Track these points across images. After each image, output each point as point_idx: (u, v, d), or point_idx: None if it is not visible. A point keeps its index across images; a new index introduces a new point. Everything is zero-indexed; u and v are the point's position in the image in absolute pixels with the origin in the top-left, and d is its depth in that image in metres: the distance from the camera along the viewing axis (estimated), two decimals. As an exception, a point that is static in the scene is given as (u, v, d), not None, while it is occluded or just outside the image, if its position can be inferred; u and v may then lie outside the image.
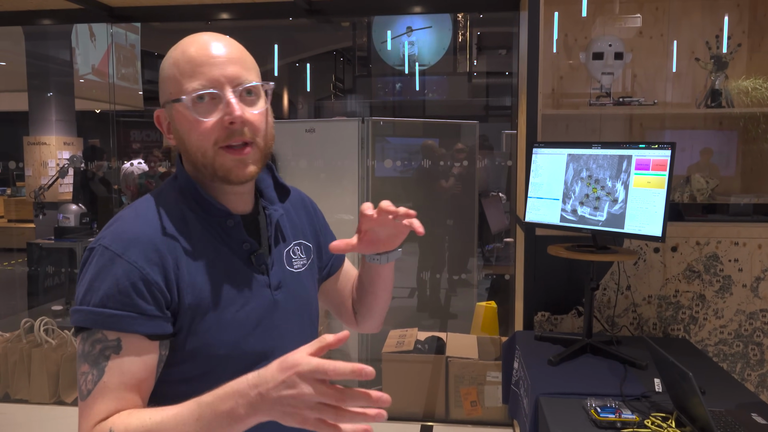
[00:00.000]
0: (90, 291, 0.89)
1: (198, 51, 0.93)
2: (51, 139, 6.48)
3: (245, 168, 0.95)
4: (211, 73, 0.92)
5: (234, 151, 0.93)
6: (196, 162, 0.95)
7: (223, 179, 0.95)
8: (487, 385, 3.21)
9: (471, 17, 6.98)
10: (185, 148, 0.96)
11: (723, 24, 2.58)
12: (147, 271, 0.89)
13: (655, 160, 1.84)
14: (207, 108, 0.93)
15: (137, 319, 0.87)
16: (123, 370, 0.86)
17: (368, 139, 3.73)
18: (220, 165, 0.94)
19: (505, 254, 4.24)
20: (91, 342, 0.88)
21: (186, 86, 0.92)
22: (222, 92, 0.92)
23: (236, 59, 0.95)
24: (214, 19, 3.41)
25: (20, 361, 3.54)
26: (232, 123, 0.92)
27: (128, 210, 0.97)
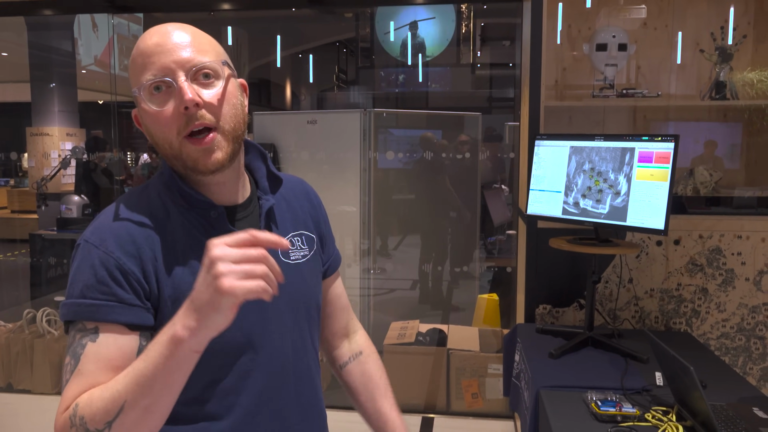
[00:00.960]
0: (72, 284, 0.90)
1: (148, 42, 0.92)
2: (53, 130, 6.48)
3: (210, 156, 0.92)
4: (161, 61, 0.90)
5: (197, 141, 0.91)
6: (166, 155, 0.94)
7: (193, 170, 0.93)
8: (489, 378, 3.21)
9: (475, 8, 6.93)
10: (155, 142, 0.95)
11: (728, 15, 2.56)
12: (123, 261, 0.89)
13: (658, 153, 1.83)
14: (164, 98, 0.91)
15: (116, 308, 0.87)
16: (99, 356, 0.86)
17: (370, 130, 3.72)
18: (187, 155, 0.92)
19: (507, 246, 4.24)
20: (73, 334, 0.88)
21: (140, 79, 0.91)
22: (174, 78, 0.90)
23: (188, 43, 0.92)
24: (216, 10, 3.39)
25: (23, 352, 3.55)
26: (186, 108, 0.89)
27: (111, 205, 0.97)
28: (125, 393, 0.79)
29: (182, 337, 0.76)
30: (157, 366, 0.77)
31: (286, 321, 1.03)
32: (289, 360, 1.03)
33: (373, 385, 1.24)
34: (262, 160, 1.09)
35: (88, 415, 0.80)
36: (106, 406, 0.79)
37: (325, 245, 1.19)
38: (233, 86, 0.96)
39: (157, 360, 0.77)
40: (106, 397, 0.80)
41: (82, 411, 0.81)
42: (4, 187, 9.20)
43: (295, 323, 1.05)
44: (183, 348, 0.76)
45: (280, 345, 1.02)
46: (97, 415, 0.79)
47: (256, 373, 0.98)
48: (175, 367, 0.77)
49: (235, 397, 0.96)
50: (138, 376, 0.78)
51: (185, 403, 0.92)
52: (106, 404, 0.79)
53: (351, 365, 1.25)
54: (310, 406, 1.08)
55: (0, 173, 9.37)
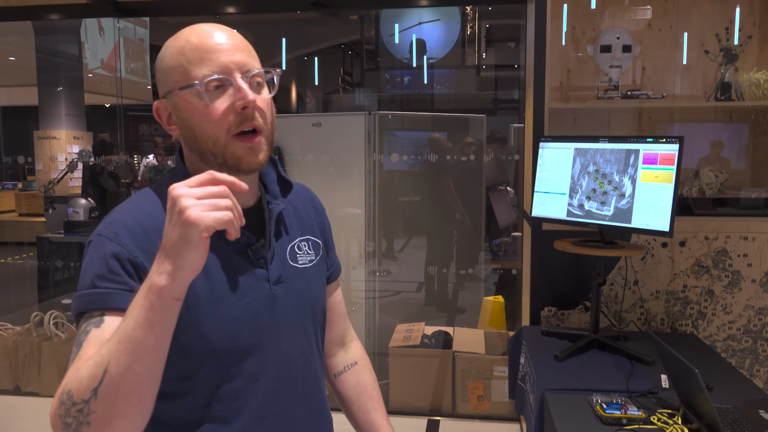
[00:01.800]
0: (84, 276, 0.89)
1: (204, 39, 0.93)
2: (61, 133, 6.53)
3: (256, 156, 0.95)
4: (220, 59, 0.92)
5: (246, 140, 0.94)
6: (205, 150, 0.95)
7: (233, 167, 0.94)
8: (494, 380, 3.20)
9: (480, 9, 6.93)
10: (193, 136, 0.95)
11: (734, 16, 2.55)
12: (136, 254, 0.89)
13: (663, 155, 1.82)
14: (218, 95, 0.93)
15: (126, 296, 0.86)
16: (100, 341, 0.83)
17: (375, 132, 3.72)
18: (231, 153, 0.94)
19: (512, 248, 4.23)
20: (81, 324, 0.87)
21: (195, 73, 0.92)
22: (233, 78, 0.92)
23: (242, 47, 0.95)
24: (222, 13, 3.40)
25: (30, 355, 3.57)
26: (245, 108, 0.92)
27: (124, 202, 0.98)
28: (108, 355, 0.76)
29: (158, 283, 0.74)
30: (137, 320, 0.75)
31: (294, 324, 1.04)
32: (297, 363, 1.04)
33: (367, 396, 1.25)
34: (272, 166, 1.11)
35: (74, 386, 0.77)
36: (91, 372, 0.76)
37: (329, 252, 1.21)
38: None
39: (137, 314, 0.75)
40: (90, 364, 0.77)
41: (69, 385, 0.78)
42: (11, 190, 9.25)
43: (303, 327, 1.06)
44: (162, 296, 0.74)
45: (289, 348, 1.02)
46: (83, 383, 0.76)
47: (264, 376, 0.98)
48: (157, 319, 0.75)
49: (243, 401, 0.96)
50: (120, 335, 0.76)
51: (194, 407, 0.93)
52: (90, 371, 0.77)
53: (346, 375, 1.26)
54: (318, 409, 1.09)
55: (8, 176, 9.43)
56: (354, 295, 3.91)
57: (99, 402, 0.75)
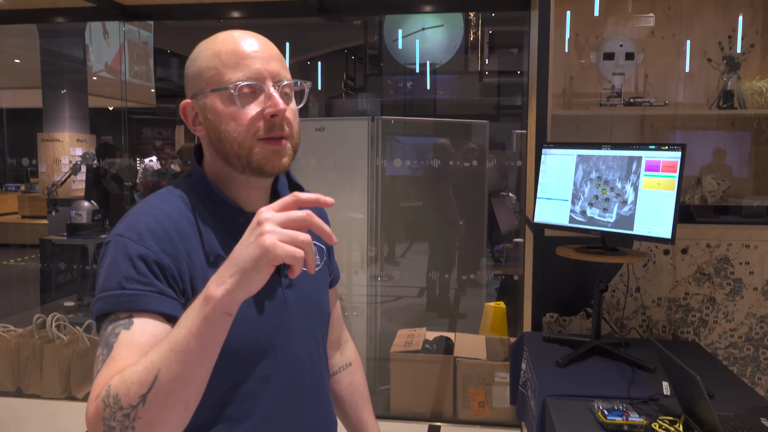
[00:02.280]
0: (108, 278, 0.89)
1: (241, 45, 0.96)
2: (64, 136, 6.54)
3: (280, 159, 0.97)
4: (255, 66, 0.95)
5: (272, 142, 0.96)
6: (230, 152, 0.96)
7: (257, 170, 0.96)
8: (496, 386, 3.20)
9: (483, 16, 6.95)
10: (219, 138, 0.97)
11: (736, 24, 2.56)
12: (162, 256, 0.90)
13: (665, 162, 1.83)
14: (248, 100, 0.95)
15: (155, 298, 0.87)
16: (132, 343, 0.84)
17: (378, 137, 3.73)
18: (257, 155, 0.95)
19: (514, 254, 4.23)
20: (106, 325, 0.87)
21: (229, 76, 0.94)
22: (265, 85, 0.95)
23: (276, 57, 0.98)
24: (226, 18, 3.42)
25: (32, 357, 3.58)
26: (274, 116, 0.94)
27: (142, 203, 0.99)
28: (158, 362, 0.77)
29: (215, 295, 0.75)
30: (190, 330, 0.76)
31: (304, 327, 1.06)
32: (305, 365, 1.06)
33: (358, 395, 1.32)
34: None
35: (122, 391, 0.77)
36: (140, 377, 0.77)
37: (331, 258, 1.24)
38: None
39: (191, 324, 0.76)
40: (139, 369, 0.78)
41: (116, 389, 0.78)
42: (14, 192, 9.27)
43: (310, 330, 1.08)
44: (215, 308, 0.75)
45: (299, 351, 1.04)
46: (132, 389, 0.77)
47: (275, 378, 1.00)
48: (209, 330, 0.76)
49: (255, 401, 0.98)
50: (171, 343, 0.77)
51: (206, 408, 0.93)
52: (139, 376, 0.77)
53: (340, 375, 1.32)
54: (324, 411, 1.11)
55: (11, 178, 9.45)
56: (355, 300, 3.91)
57: (147, 408, 0.76)
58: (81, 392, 3.57)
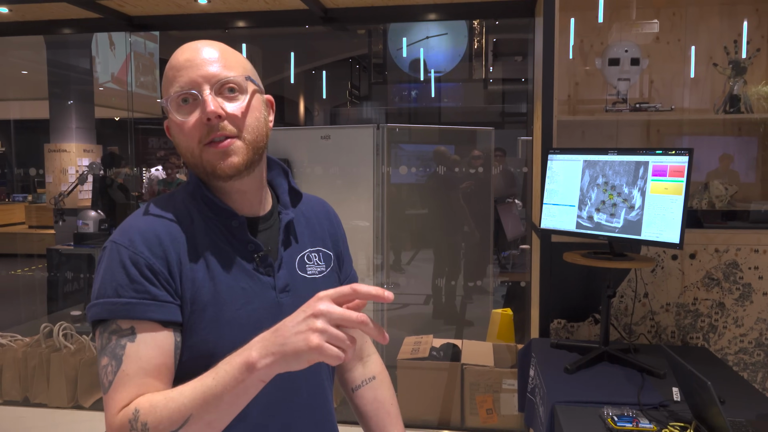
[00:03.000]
0: (104, 284, 0.92)
1: (178, 58, 0.98)
2: (71, 146, 6.58)
3: (227, 159, 0.96)
4: (189, 75, 0.96)
5: (215, 145, 0.96)
6: (188, 162, 0.99)
7: (212, 174, 0.97)
8: (503, 393, 3.19)
9: (486, 24, 6.97)
10: (179, 150, 1.00)
11: (741, 29, 2.56)
12: (152, 261, 0.92)
13: (673, 167, 1.83)
14: (190, 109, 0.96)
15: (150, 306, 0.90)
16: (140, 356, 0.88)
17: (383, 145, 3.74)
18: (207, 161, 0.97)
19: (520, 261, 4.22)
20: (108, 334, 0.90)
21: (169, 90, 0.97)
22: (199, 91, 0.95)
23: (215, 59, 0.97)
24: (231, 27, 3.44)
25: (39, 366, 3.58)
26: (209, 119, 0.95)
27: (138, 210, 1.01)
28: (192, 407, 0.82)
29: (256, 365, 0.78)
30: (226, 387, 0.80)
31: None
32: (301, 374, 1.02)
33: (385, 413, 1.24)
34: (284, 177, 1.14)
35: (151, 422, 0.83)
36: (171, 415, 0.82)
37: (342, 264, 1.21)
38: (258, 101, 1.02)
39: (227, 381, 0.80)
40: (171, 407, 0.83)
41: (145, 417, 0.83)
42: (22, 202, 9.32)
43: None
44: (252, 375, 0.79)
45: None
46: (162, 424, 0.82)
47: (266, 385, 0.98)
48: (243, 391, 0.80)
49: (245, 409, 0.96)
50: (206, 393, 0.81)
51: None
52: (171, 414, 0.82)
53: (363, 389, 1.25)
54: (323, 421, 1.08)
55: (18, 189, 9.50)
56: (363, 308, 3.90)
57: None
58: (88, 401, 3.57)
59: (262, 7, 3.26)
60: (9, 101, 8.43)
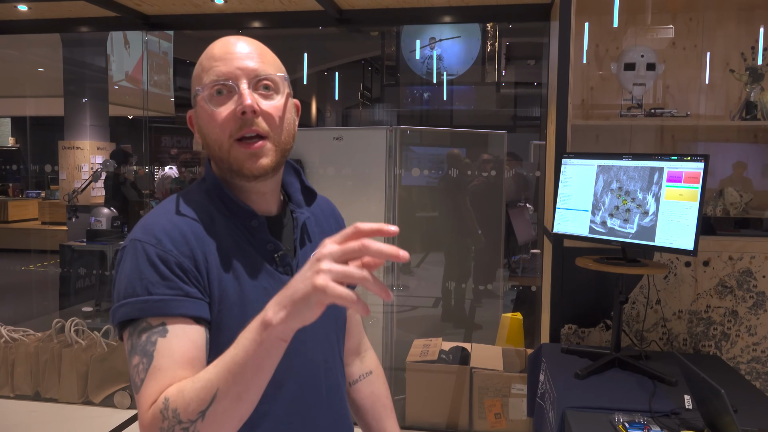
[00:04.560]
0: (131, 283, 0.89)
1: (219, 48, 0.97)
2: (85, 143, 6.64)
3: (257, 161, 0.95)
4: (227, 66, 0.95)
5: (247, 145, 0.95)
6: (214, 155, 0.98)
7: (237, 173, 0.96)
8: (512, 398, 3.18)
9: (500, 27, 6.96)
10: (206, 142, 0.98)
11: (758, 35, 2.54)
12: (182, 259, 0.91)
13: (688, 173, 1.82)
14: (223, 101, 0.95)
15: (184, 302, 0.89)
16: (172, 350, 0.86)
17: (396, 147, 3.74)
18: (234, 158, 0.95)
19: (531, 265, 4.21)
20: (138, 333, 0.88)
21: (205, 80, 0.96)
22: (236, 83, 0.94)
23: (255, 54, 0.97)
24: (246, 28, 3.46)
25: (51, 361, 3.61)
26: (244, 113, 0.93)
27: (157, 207, 0.99)
28: (217, 381, 0.79)
29: (271, 322, 0.76)
30: (247, 352, 0.78)
31: (318, 332, 1.05)
32: (320, 370, 1.05)
33: (381, 406, 1.29)
34: (295, 175, 1.13)
35: (181, 405, 0.80)
36: (199, 395, 0.80)
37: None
38: (290, 102, 1.01)
39: (248, 346, 0.78)
40: (198, 387, 0.80)
41: (174, 403, 0.81)
42: (35, 198, 9.40)
43: (326, 335, 1.07)
44: (270, 335, 0.77)
45: (313, 356, 1.03)
46: (191, 405, 0.80)
47: (289, 382, 0.99)
48: (265, 354, 0.78)
49: (268, 406, 0.97)
50: (230, 364, 0.79)
51: None
52: (198, 393, 0.80)
53: (360, 384, 1.28)
54: (340, 416, 1.10)
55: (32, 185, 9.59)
56: (371, 309, 3.89)
57: (206, 423, 0.80)
58: (98, 397, 3.59)
59: (277, 8, 3.27)
60: (25, 98, 8.51)
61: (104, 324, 3.97)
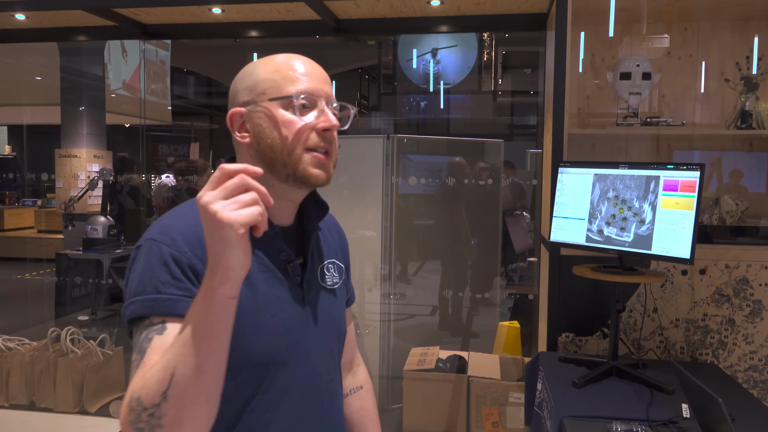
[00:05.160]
0: (143, 281, 0.91)
1: (300, 64, 1.02)
2: (82, 152, 6.63)
3: (323, 171, 1.01)
4: (313, 84, 1.00)
5: (320, 155, 1.00)
6: (278, 159, 0.99)
7: (301, 179, 0.99)
8: (509, 406, 3.17)
9: (496, 36, 7.00)
10: (269, 144, 0.99)
11: (753, 45, 2.56)
12: (195, 262, 0.92)
13: (684, 182, 1.82)
14: (305, 113, 1.00)
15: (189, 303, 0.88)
16: (164, 347, 0.86)
17: (393, 156, 3.75)
18: (305, 164, 0.99)
19: (528, 274, 4.21)
20: (140, 331, 0.89)
21: (290, 88, 0.99)
22: (320, 101, 1.00)
23: (329, 81, 1.04)
24: (243, 37, 3.47)
25: (46, 370, 3.59)
26: (327, 130, 0.99)
27: (173, 210, 1.01)
28: (173, 359, 0.79)
29: (213, 285, 0.77)
30: (197, 323, 0.78)
31: (322, 342, 1.07)
32: (323, 380, 1.07)
33: (369, 419, 1.31)
34: None
35: (143, 393, 0.80)
36: (158, 376, 0.79)
37: (347, 276, 1.25)
38: None
39: (197, 317, 0.78)
40: (156, 369, 0.80)
41: (138, 392, 0.80)
42: (31, 207, 9.38)
43: (329, 346, 1.09)
44: (217, 296, 0.77)
45: (316, 365, 1.05)
46: (152, 389, 0.79)
47: (293, 391, 1.01)
48: (217, 319, 0.77)
49: (272, 414, 0.98)
50: (183, 339, 0.79)
51: (225, 417, 0.94)
52: (158, 375, 0.79)
53: (351, 398, 1.31)
54: (339, 426, 1.12)
55: (28, 193, 9.56)
56: (368, 318, 3.90)
57: (170, 404, 0.78)
58: (93, 407, 3.57)
59: (275, 17, 3.28)
60: (22, 106, 8.51)
61: (100, 333, 3.95)
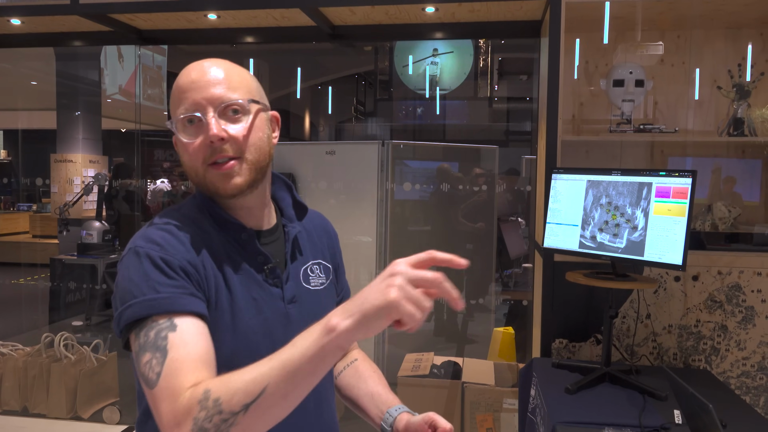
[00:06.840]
0: (137, 285, 0.91)
1: (185, 78, 1.00)
2: (77, 156, 6.62)
3: (230, 181, 0.99)
4: (193, 98, 0.98)
5: (218, 167, 0.99)
6: (192, 180, 1.03)
7: (216, 193, 1.01)
8: (504, 413, 3.17)
9: (492, 43, 7.03)
10: (184, 168, 1.03)
11: (746, 53, 2.57)
12: (184, 263, 0.94)
13: (676, 188, 1.83)
14: (195, 130, 0.99)
15: (190, 299, 0.91)
16: (185, 342, 0.86)
17: (388, 162, 3.76)
18: (210, 181, 1.00)
19: (523, 279, 4.21)
20: (146, 332, 0.88)
21: (175, 112, 1.00)
22: (203, 114, 0.98)
23: (219, 80, 1.00)
24: (239, 43, 3.48)
25: (39, 375, 3.58)
26: (212, 142, 0.97)
27: (155, 219, 1.02)
28: (269, 376, 0.79)
29: (336, 327, 0.76)
30: (304, 353, 0.78)
31: None
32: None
33: (368, 375, 1.25)
34: (287, 191, 1.17)
35: (224, 396, 0.79)
36: (247, 387, 0.79)
37: (339, 276, 1.25)
38: (261, 120, 1.04)
39: (307, 347, 0.78)
40: (246, 379, 0.80)
41: (217, 392, 0.80)
42: (26, 211, 9.35)
43: None
44: (334, 340, 0.77)
45: None
46: (236, 396, 0.79)
47: None
48: (321, 359, 0.78)
49: None
50: (285, 361, 0.79)
51: None
52: (246, 385, 0.79)
53: (345, 371, 1.28)
54: (329, 427, 1.12)
55: (23, 198, 9.54)
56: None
57: (247, 416, 0.79)
58: (87, 412, 3.56)
59: (270, 23, 3.29)
60: (17, 111, 8.50)
61: (94, 338, 3.94)
